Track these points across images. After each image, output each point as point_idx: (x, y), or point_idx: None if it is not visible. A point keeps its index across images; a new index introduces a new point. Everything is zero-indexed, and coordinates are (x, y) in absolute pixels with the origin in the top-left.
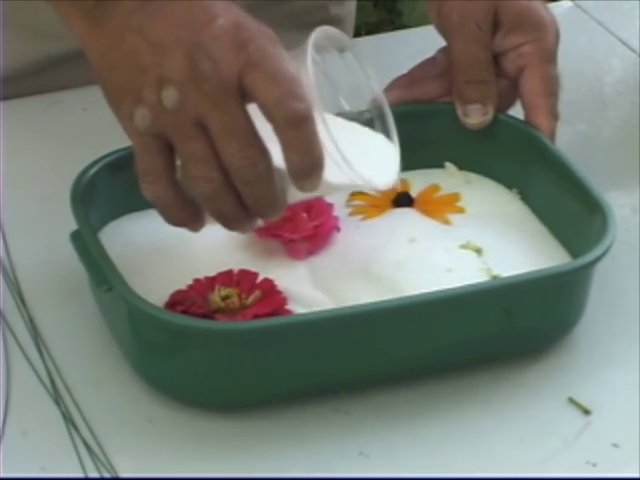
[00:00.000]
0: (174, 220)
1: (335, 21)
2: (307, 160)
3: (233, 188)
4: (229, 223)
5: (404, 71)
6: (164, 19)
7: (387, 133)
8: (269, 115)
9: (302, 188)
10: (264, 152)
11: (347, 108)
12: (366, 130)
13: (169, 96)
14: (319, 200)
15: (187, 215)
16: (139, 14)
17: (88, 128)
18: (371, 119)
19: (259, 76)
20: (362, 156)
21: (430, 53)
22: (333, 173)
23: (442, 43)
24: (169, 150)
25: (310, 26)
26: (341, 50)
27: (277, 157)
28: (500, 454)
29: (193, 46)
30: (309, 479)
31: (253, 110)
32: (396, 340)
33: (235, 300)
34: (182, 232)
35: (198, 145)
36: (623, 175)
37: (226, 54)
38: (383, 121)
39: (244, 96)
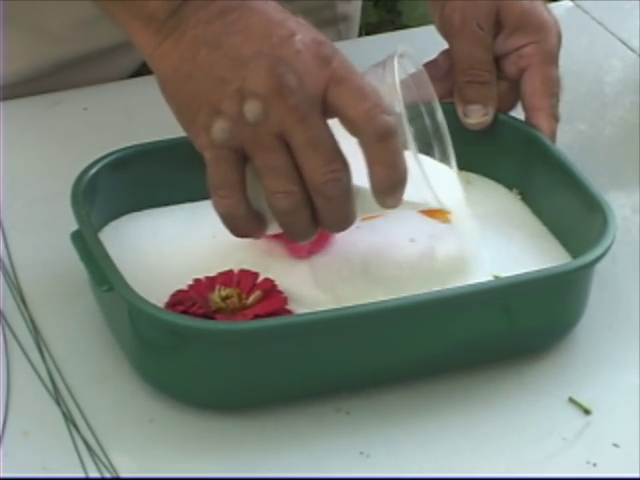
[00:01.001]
0: (241, 232)
1: (342, 19)
2: (393, 175)
3: (310, 203)
4: (297, 236)
5: None
6: (242, 32)
7: (444, 154)
8: (357, 129)
9: (384, 204)
10: (347, 168)
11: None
12: (428, 158)
13: (252, 109)
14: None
15: (254, 227)
16: (215, 27)
17: (88, 128)
18: (429, 137)
19: (345, 91)
20: (431, 177)
21: (430, 53)
22: (409, 191)
23: (442, 43)
24: (243, 164)
25: (317, 24)
26: (410, 66)
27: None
28: (500, 454)
29: (276, 60)
30: (309, 479)
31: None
32: (396, 340)
33: (235, 300)
34: (182, 232)
35: (280, 159)
36: (623, 175)
37: (310, 69)
38: (441, 143)
39: (326, 111)
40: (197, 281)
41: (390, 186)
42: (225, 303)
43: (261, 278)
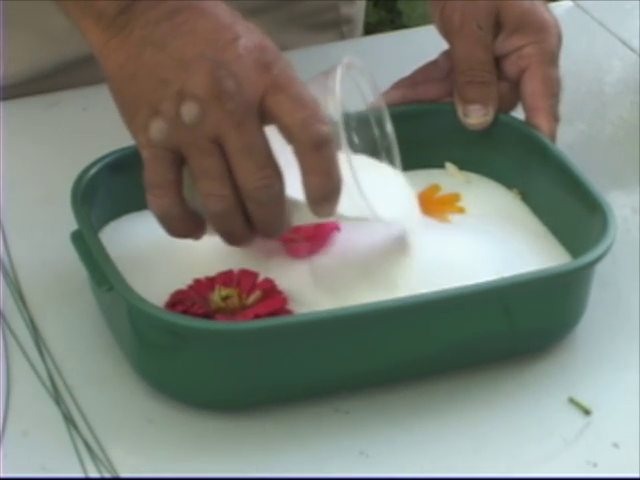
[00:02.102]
0: (177, 233)
1: (345, 21)
2: (327, 184)
3: (243, 207)
4: (233, 240)
5: (404, 71)
6: (187, 34)
7: (392, 163)
8: (292, 137)
9: (318, 212)
10: (279, 175)
11: (354, 136)
12: (380, 164)
13: (189, 111)
14: None
15: (190, 228)
16: (162, 27)
17: (88, 128)
18: (376, 147)
19: (283, 99)
20: (373, 186)
21: (430, 53)
22: (343, 202)
23: (442, 43)
24: (180, 165)
25: (321, 26)
26: (357, 75)
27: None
28: (500, 454)
29: (217, 64)
30: (309, 479)
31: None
32: (396, 340)
33: (235, 300)
34: None
35: (214, 162)
36: (623, 175)
37: (250, 74)
38: (389, 152)
39: (263, 119)
40: (197, 281)
41: (323, 195)
42: (225, 303)
43: (261, 278)
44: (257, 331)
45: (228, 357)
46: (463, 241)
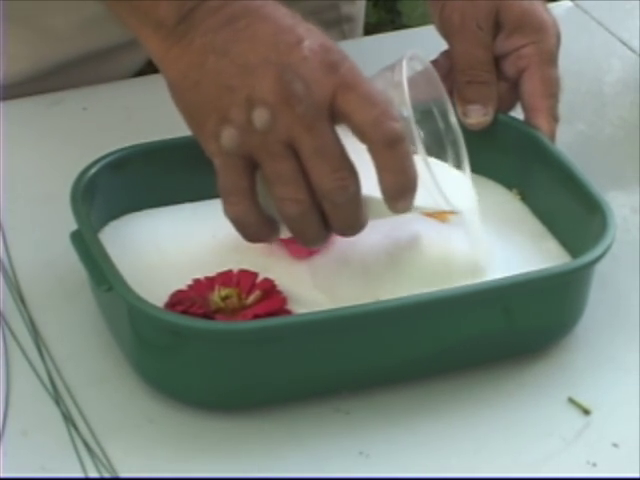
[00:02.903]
0: (253, 238)
1: (346, 20)
2: (403, 180)
3: (319, 210)
4: (309, 241)
5: None
6: (250, 40)
7: (458, 157)
8: (365, 136)
9: (395, 209)
10: (355, 175)
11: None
12: (439, 161)
13: (260, 117)
14: None
15: (266, 233)
16: (223, 34)
17: (88, 128)
18: (442, 141)
19: (353, 98)
20: (443, 180)
21: (430, 53)
22: (420, 195)
23: (442, 43)
24: (253, 171)
25: (321, 25)
26: (419, 68)
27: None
28: (500, 454)
29: (283, 68)
30: (309, 479)
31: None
32: (396, 340)
33: (235, 300)
34: (182, 232)
35: (288, 166)
36: (623, 175)
37: (318, 76)
38: (455, 146)
39: (334, 118)
40: (197, 281)
41: (400, 192)
42: (225, 303)
43: (260, 278)
44: (257, 331)
45: (228, 357)
46: (463, 241)
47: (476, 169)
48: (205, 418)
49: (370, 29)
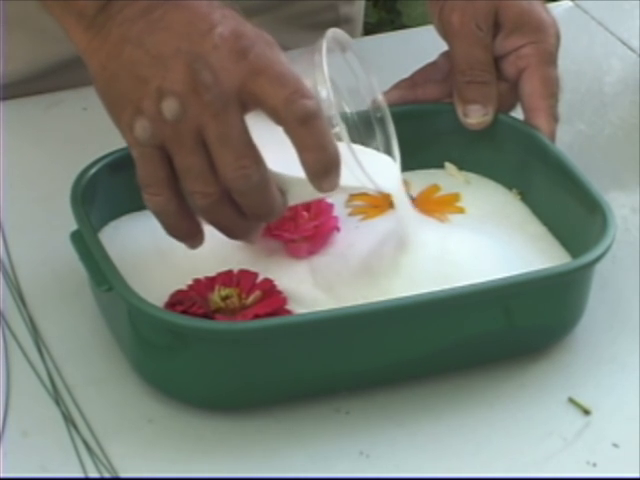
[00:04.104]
0: (175, 231)
1: (344, 20)
2: (323, 157)
3: (231, 199)
4: (230, 233)
5: (404, 71)
6: (164, 30)
7: (386, 136)
8: (278, 117)
9: (321, 188)
10: (258, 161)
11: (347, 109)
12: (361, 147)
13: (169, 107)
14: (319, 200)
15: (188, 227)
16: (139, 24)
17: (88, 128)
18: (370, 121)
19: (264, 81)
20: (367, 160)
21: (430, 53)
22: (344, 175)
23: (442, 43)
24: (170, 161)
25: (320, 26)
26: (343, 50)
27: (278, 161)
28: (500, 454)
29: (193, 57)
30: (309, 479)
31: (255, 120)
32: (396, 340)
33: (235, 300)
34: None
35: (196, 159)
36: (623, 175)
37: (226, 64)
38: (383, 124)
39: (246, 106)
40: (197, 281)
41: (322, 170)
42: (225, 303)
43: (260, 278)
44: (257, 331)
45: (228, 357)
46: (463, 241)
47: (476, 169)
48: (205, 418)
49: (370, 29)
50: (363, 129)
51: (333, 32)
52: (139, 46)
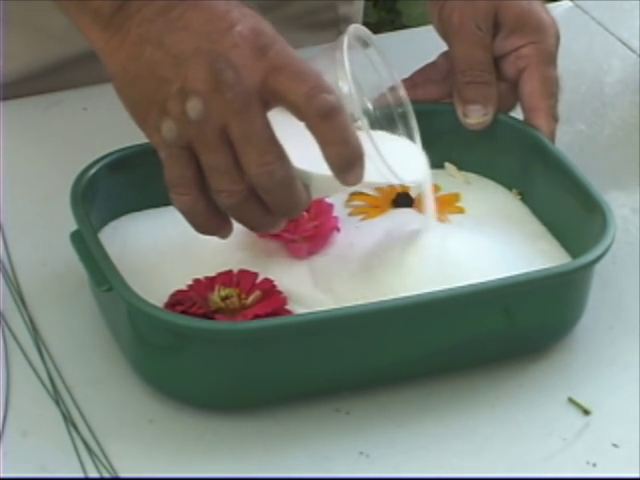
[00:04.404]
0: (204, 229)
1: (343, 20)
2: (345, 151)
3: (257, 197)
4: (256, 229)
5: (404, 71)
6: (183, 30)
7: (409, 130)
8: (300, 112)
9: (346, 182)
10: (282, 158)
11: (369, 105)
12: (387, 134)
13: (193, 107)
14: (319, 200)
15: (217, 224)
16: (158, 24)
17: (88, 128)
18: (393, 117)
19: (284, 78)
20: (391, 153)
21: (430, 53)
22: (367, 170)
23: (442, 43)
24: (197, 160)
25: (319, 26)
26: (365, 46)
27: (302, 157)
28: (500, 454)
29: (214, 56)
30: (309, 479)
31: (278, 117)
32: (396, 340)
33: (235, 300)
34: (182, 232)
35: (221, 157)
36: (623, 175)
37: (247, 62)
38: (405, 118)
39: (268, 103)
40: (197, 281)
41: (346, 163)
42: (225, 303)
43: (260, 278)
44: (257, 331)
45: (228, 357)
46: (463, 241)
47: (476, 169)
48: (205, 418)
49: (370, 29)
50: (386, 125)
51: (355, 28)
52: (159, 47)
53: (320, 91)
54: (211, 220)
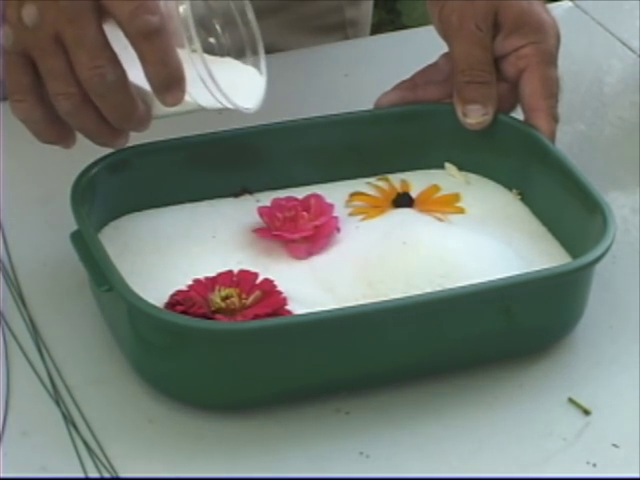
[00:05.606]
0: (45, 137)
1: (350, 24)
2: (163, 72)
3: (93, 102)
4: (95, 138)
5: (404, 71)
6: None
7: (250, 34)
8: (124, 29)
9: (165, 102)
10: (113, 62)
11: (218, 29)
12: (233, 61)
13: (28, 13)
14: (319, 200)
15: (57, 132)
16: None
17: None
18: (243, 46)
19: None
20: (227, 77)
21: (430, 53)
22: (199, 90)
23: (442, 43)
24: (35, 68)
25: (325, 29)
26: None
27: (141, 75)
28: (500, 454)
29: None
30: (309, 479)
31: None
32: (396, 340)
33: (235, 300)
34: (182, 232)
35: (56, 61)
36: (623, 175)
37: None
38: (247, 25)
39: (102, 15)
40: (197, 281)
41: (165, 84)
42: (225, 303)
43: (261, 278)
44: (257, 331)
45: (228, 357)
46: (463, 241)
47: (476, 169)
48: (205, 418)
49: (370, 29)
50: (235, 53)
51: None
52: None
53: (144, 11)
54: (50, 128)
